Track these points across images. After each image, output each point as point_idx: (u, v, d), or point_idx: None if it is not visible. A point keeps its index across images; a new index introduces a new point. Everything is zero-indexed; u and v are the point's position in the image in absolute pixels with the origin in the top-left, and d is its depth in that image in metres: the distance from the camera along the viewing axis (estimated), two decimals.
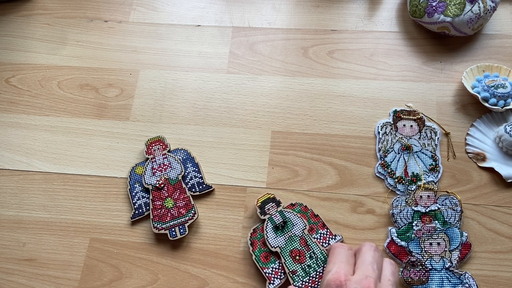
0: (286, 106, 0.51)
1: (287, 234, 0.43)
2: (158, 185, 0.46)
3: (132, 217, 0.46)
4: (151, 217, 0.45)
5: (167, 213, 0.45)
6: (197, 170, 0.48)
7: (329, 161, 0.48)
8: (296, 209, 0.44)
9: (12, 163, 0.50)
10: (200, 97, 0.52)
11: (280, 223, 0.43)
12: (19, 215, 0.47)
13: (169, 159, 0.47)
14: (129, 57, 0.55)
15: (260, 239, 0.43)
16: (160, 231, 0.44)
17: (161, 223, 0.45)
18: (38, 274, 0.45)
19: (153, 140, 0.49)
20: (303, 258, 0.42)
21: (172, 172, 0.47)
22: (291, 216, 0.43)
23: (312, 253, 0.42)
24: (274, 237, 0.43)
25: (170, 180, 0.46)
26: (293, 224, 0.43)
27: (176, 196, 0.46)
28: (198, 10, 0.57)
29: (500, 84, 0.48)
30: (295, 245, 0.42)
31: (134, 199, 0.46)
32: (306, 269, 0.41)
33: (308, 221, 0.44)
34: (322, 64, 0.53)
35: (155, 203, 0.45)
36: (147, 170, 0.47)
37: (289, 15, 0.56)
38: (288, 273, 0.41)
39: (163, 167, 0.47)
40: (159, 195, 0.46)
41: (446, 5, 0.50)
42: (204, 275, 0.44)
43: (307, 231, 0.43)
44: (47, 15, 0.58)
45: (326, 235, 0.43)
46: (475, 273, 0.42)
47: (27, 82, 0.54)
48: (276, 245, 0.42)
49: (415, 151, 0.47)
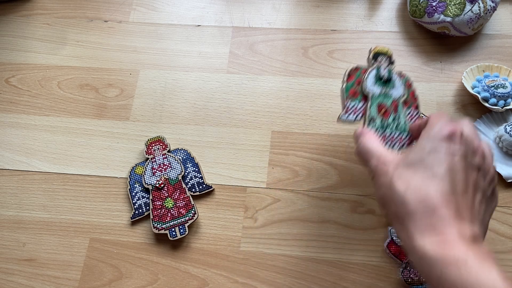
0: (286, 106, 0.51)
1: (384, 90, 0.42)
2: (158, 185, 0.46)
3: (132, 217, 0.46)
4: (151, 217, 0.45)
5: (167, 213, 0.45)
6: (197, 170, 0.48)
7: (329, 161, 0.48)
8: (403, 79, 0.44)
9: (12, 163, 0.50)
10: (200, 97, 0.52)
11: (384, 76, 0.42)
12: (19, 215, 0.47)
13: (169, 159, 0.47)
14: (129, 57, 0.55)
15: (357, 78, 0.42)
16: (160, 231, 0.44)
17: (161, 223, 0.45)
18: (38, 274, 0.45)
19: (153, 140, 0.49)
20: (387, 115, 0.41)
21: (172, 172, 0.47)
22: (396, 80, 0.43)
23: (397, 117, 0.41)
24: (373, 83, 0.42)
25: (170, 180, 0.47)
26: (394, 86, 0.42)
27: (176, 196, 0.46)
28: (198, 10, 0.57)
29: (500, 84, 0.48)
30: (386, 102, 0.41)
31: (134, 199, 0.46)
32: (385, 124, 0.40)
33: (407, 96, 0.43)
34: (322, 64, 0.53)
35: (155, 203, 0.46)
36: (147, 170, 0.47)
37: (289, 15, 0.56)
38: (367, 116, 0.40)
39: (163, 167, 0.47)
40: (159, 195, 0.46)
41: (446, 5, 0.50)
42: (204, 275, 0.44)
43: (402, 100, 0.42)
44: (47, 15, 0.58)
45: (414, 116, 0.43)
46: None
47: (27, 82, 0.54)
48: (370, 89, 0.41)
49: None
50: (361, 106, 0.41)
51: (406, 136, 0.41)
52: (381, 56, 0.43)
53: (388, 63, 0.43)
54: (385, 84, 0.42)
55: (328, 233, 0.45)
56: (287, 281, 0.43)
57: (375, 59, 0.43)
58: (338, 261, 0.44)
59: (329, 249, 0.44)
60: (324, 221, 0.45)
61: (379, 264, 0.43)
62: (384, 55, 0.43)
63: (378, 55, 0.43)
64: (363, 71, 0.42)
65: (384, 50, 0.44)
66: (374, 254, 0.44)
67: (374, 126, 0.40)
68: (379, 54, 0.43)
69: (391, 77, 0.42)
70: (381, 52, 0.43)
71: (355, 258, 0.44)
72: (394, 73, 0.43)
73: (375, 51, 0.43)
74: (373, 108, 0.41)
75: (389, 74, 0.42)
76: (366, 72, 0.42)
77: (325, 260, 0.44)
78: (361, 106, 0.41)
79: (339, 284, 0.43)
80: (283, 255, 0.44)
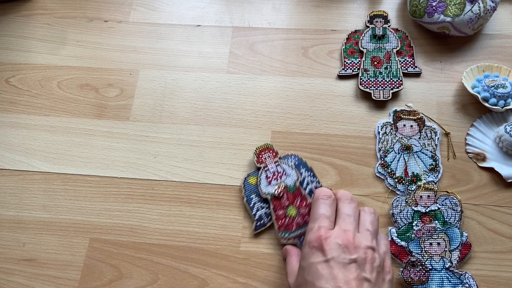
0: (286, 106, 0.51)
1: (379, 44, 0.51)
2: (278, 194, 0.44)
3: (254, 229, 0.44)
4: (276, 228, 0.44)
5: (291, 222, 0.43)
6: (312, 175, 0.46)
7: (329, 161, 0.48)
8: (398, 34, 0.51)
9: (12, 163, 0.50)
10: (200, 97, 0.52)
11: (379, 34, 0.51)
12: (19, 215, 0.47)
13: (282, 166, 0.46)
14: (129, 57, 0.55)
15: (355, 39, 0.52)
16: (288, 241, 0.43)
17: (288, 232, 0.43)
18: (38, 274, 0.45)
19: (262, 148, 0.47)
20: (380, 65, 0.50)
21: (288, 179, 0.45)
22: (391, 36, 0.51)
23: (389, 66, 0.50)
24: (368, 41, 0.51)
25: (288, 187, 0.45)
26: (388, 40, 0.51)
27: (298, 203, 0.44)
28: (198, 10, 0.57)
29: (500, 84, 0.48)
30: (379, 54, 0.51)
31: (253, 210, 0.45)
32: (377, 73, 0.49)
33: (401, 46, 0.51)
34: (322, 64, 0.53)
35: (278, 213, 0.44)
36: (261, 180, 0.46)
37: (289, 15, 0.56)
38: (361, 69, 0.50)
39: (277, 174, 0.46)
40: (280, 204, 0.44)
41: (446, 5, 0.50)
42: (204, 275, 0.44)
43: (395, 51, 0.51)
44: (47, 15, 0.58)
45: (409, 63, 0.51)
46: (475, 273, 0.42)
47: (27, 82, 0.54)
48: (366, 47, 0.51)
49: (415, 151, 0.47)
50: (357, 61, 0.51)
51: (397, 80, 0.50)
52: (377, 18, 0.52)
53: (384, 23, 0.52)
54: (379, 41, 0.51)
55: None
56: None
57: (371, 20, 0.53)
58: None
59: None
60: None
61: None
62: (380, 16, 0.52)
63: (374, 17, 0.52)
64: (360, 33, 0.52)
65: (380, 12, 0.53)
66: None
67: (368, 76, 0.50)
68: (375, 16, 0.52)
69: (385, 33, 0.51)
70: (376, 14, 0.53)
71: None
72: (390, 31, 0.51)
73: (371, 15, 0.53)
74: (367, 61, 0.51)
75: (384, 31, 0.51)
76: (363, 35, 0.52)
77: None
78: (357, 62, 0.51)
79: None
80: None
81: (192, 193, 0.47)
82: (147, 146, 0.50)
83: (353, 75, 0.51)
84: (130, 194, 0.48)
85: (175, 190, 0.47)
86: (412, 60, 0.51)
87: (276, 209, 0.44)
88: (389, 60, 0.50)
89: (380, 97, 0.49)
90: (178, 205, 0.47)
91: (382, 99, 0.49)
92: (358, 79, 0.50)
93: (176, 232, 0.46)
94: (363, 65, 0.51)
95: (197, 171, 0.48)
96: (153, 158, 0.49)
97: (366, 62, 0.51)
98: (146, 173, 0.48)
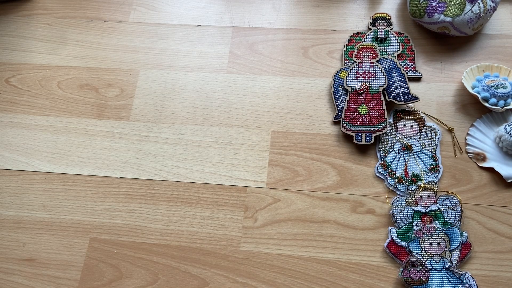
0: (286, 106, 0.51)
1: (380, 48, 0.51)
2: (359, 89, 0.47)
3: (335, 117, 0.48)
4: (342, 117, 0.47)
5: (358, 118, 0.47)
6: (403, 80, 0.48)
7: (329, 161, 0.48)
8: (400, 38, 0.52)
9: (12, 163, 0.50)
10: (200, 97, 0.52)
11: (381, 37, 0.51)
12: (19, 215, 0.47)
13: (375, 69, 0.48)
14: (129, 57, 0.55)
15: (356, 42, 0.53)
16: (347, 132, 0.47)
17: (350, 124, 0.47)
18: (38, 274, 0.45)
19: (366, 46, 0.50)
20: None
21: (375, 82, 0.48)
22: (393, 38, 0.50)
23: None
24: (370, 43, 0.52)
25: (371, 89, 0.48)
26: (390, 43, 0.51)
27: (372, 106, 0.47)
28: (198, 10, 0.57)
29: (500, 84, 0.48)
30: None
31: (338, 101, 0.49)
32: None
33: (403, 50, 0.51)
34: (322, 64, 0.53)
35: (350, 105, 0.47)
36: (351, 73, 0.49)
37: (289, 15, 0.56)
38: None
39: (367, 74, 0.48)
40: (356, 99, 0.48)
41: (446, 5, 0.50)
42: (204, 275, 0.44)
43: (396, 56, 0.51)
44: (47, 15, 0.58)
45: (410, 67, 0.51)
46: (475, 273, 0.42)
47: (27, 82, 0.54)
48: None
49: (415, 151, 0.47)
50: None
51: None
52: (380, 20, 0.52)
53: (386, 26, 0.52)
54: (381, 43, 0.51)
55: (328, 233, 0.45)
56: (287, 281, 0.43)
57: (373, 23, 0.53)
58: (337, 261, 0.44)
59: (329, 249, 0.44)
60: (324, 221, 0.45)
61: (379, 264, 0.43)
62: (383, 19, 0.53)
63: (377, 20, 0.53)
64: (362, 36, 0.52)
65: (383, 14, 0.53)
66: (374, 254, 0.44)
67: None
68: (378, 19, 0.52)
69: (387, 36, 0.51)
70: (380, 16, 0.53)
71: (355, 258, 0.44)
72: (392, 34, 0.51)
73: (373, 17, 0.53)
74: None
75: (386, 34, 0.51)
76: (365, 36, 0.52)
77: (325, 260, 0.44)
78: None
79: (338, 284, 0.43)
80: (283, 255, 0.44)
81: (192, 193, 0.47)
82: (147, 146, 0.50)
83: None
84: (130, 194, 0.48)
85: (175, 190, 0.47)
86: (413, 64, 0.51)
87: (351, 101, 0.48)
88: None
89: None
90: (178, 205, 0.47)
91: None
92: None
93: (176, 232, 0.46)
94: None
95: (197, 171, 0.48)
96: (153, 158, 0.49)
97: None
98: (146, 173, 0.48)
